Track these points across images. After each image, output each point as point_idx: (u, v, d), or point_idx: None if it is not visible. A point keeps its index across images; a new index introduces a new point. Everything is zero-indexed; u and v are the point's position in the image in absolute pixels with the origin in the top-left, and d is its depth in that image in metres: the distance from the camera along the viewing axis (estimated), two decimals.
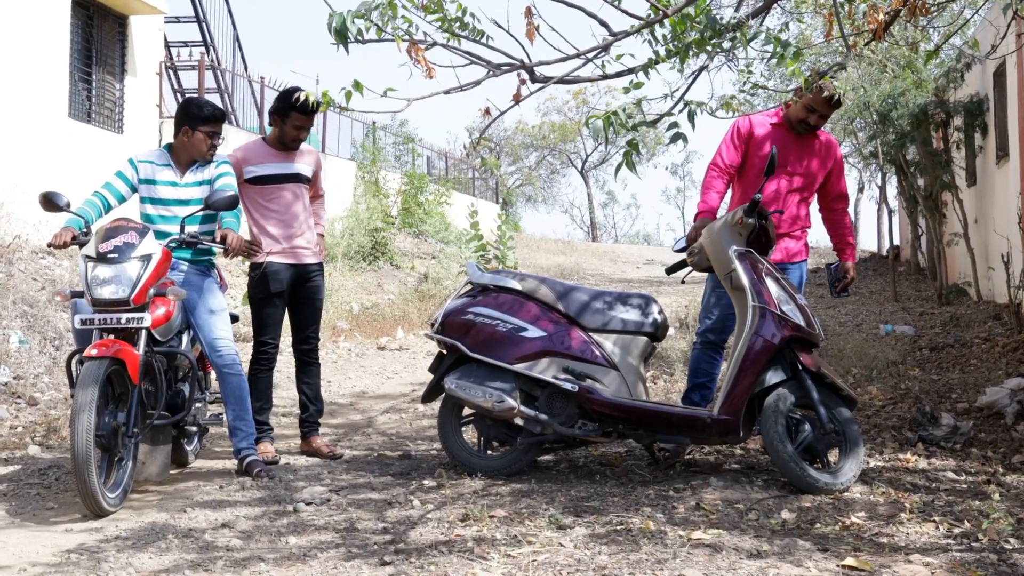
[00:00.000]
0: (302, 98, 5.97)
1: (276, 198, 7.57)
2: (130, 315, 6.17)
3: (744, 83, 7.17)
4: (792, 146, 7.38)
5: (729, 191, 7.58)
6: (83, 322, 6.24)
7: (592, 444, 7.17)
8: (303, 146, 7.73)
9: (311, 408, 7.77)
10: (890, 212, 24.11)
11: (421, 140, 32.99)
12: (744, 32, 5.61)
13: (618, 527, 5.44)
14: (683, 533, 5.27)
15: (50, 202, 6.54)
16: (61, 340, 11.05)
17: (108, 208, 6.93)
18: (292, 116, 7.47)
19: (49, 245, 6.53)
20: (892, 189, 24.35)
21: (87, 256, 6.28)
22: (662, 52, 5.64)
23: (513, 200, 53.56)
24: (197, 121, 7.00)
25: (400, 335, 15.06)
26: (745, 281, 6.47)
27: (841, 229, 7.62)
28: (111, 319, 6.17)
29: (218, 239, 6.79)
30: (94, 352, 5.94)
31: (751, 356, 6.38)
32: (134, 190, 7.03)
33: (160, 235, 6.71)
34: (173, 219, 6.90)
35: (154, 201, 6.99)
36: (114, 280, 6.17)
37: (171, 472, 6.86)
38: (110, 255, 6.21)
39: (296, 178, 7.63)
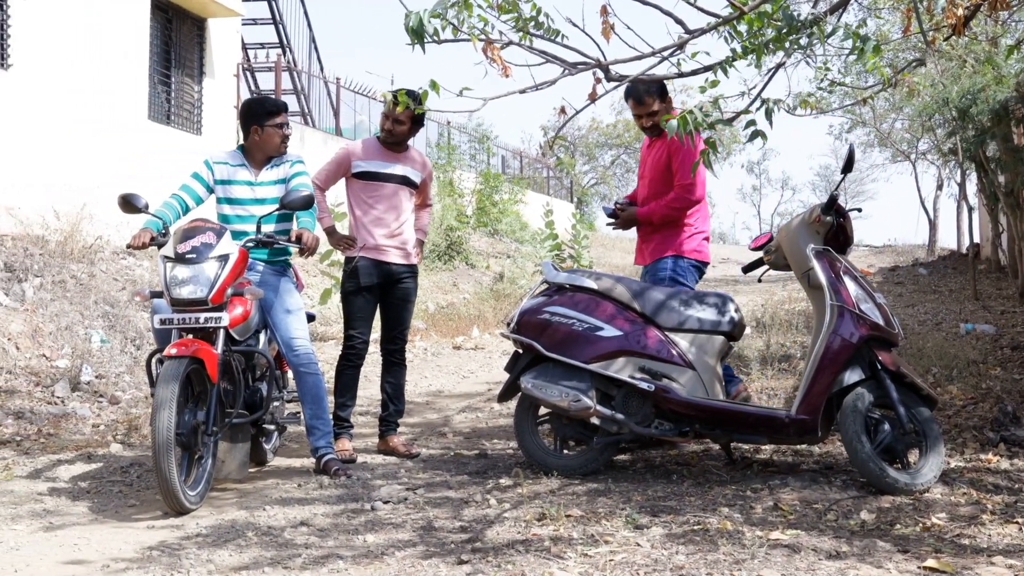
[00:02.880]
0: (388, 98, 6.03)
1: (377, 196, 7.64)
2: (208, 315, 6.24)
3: (821, 80, 7.12)
4: (648, 154, 7.76)
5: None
6: (162, 322, 6.31)
7: (668, 444, 7.15)
8: (417, 153, 7.84)
9: (391, 407, 7.81)
10: (970, 209, 23.77)
11: (496, 138, 32.98)
12: (821, 28, 5.57)
13: (695, 527, 5.42)
14: (761, 533, 5.24)
15: (129, 204, 6.63)
16: (142, 340, 11.19)
17: (186, 210, 7.01)
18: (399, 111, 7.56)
19: (128, 246, 6.61)
20: (972, 186, 24.03)
21: (166, 257, 6.35)
22: (739, 49, 5.61)
23: (588, 199, 53.44)
24: (263, 117, 7.07)
25: (476, 334, 15.09)
26: (823, 279, 6.41)
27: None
28: (190, 319, 6.24)
29: (293, 238, 6.84)
30: (173, 351, 6.00)
31: (829, 355, 6.32)
32: (210, 191, 7.10)
33: (237, 235, 6.76)
34: (250, 219, 6.96)
35: (231, 201, 7.05)
36: (192, 280, 6.23)
37: (250, 470, 6.93)
38: (188, 255, 6.27)
39: (401, 180, 7.69)
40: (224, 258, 6.34)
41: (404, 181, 7.72)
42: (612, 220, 7.82)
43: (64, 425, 8.57)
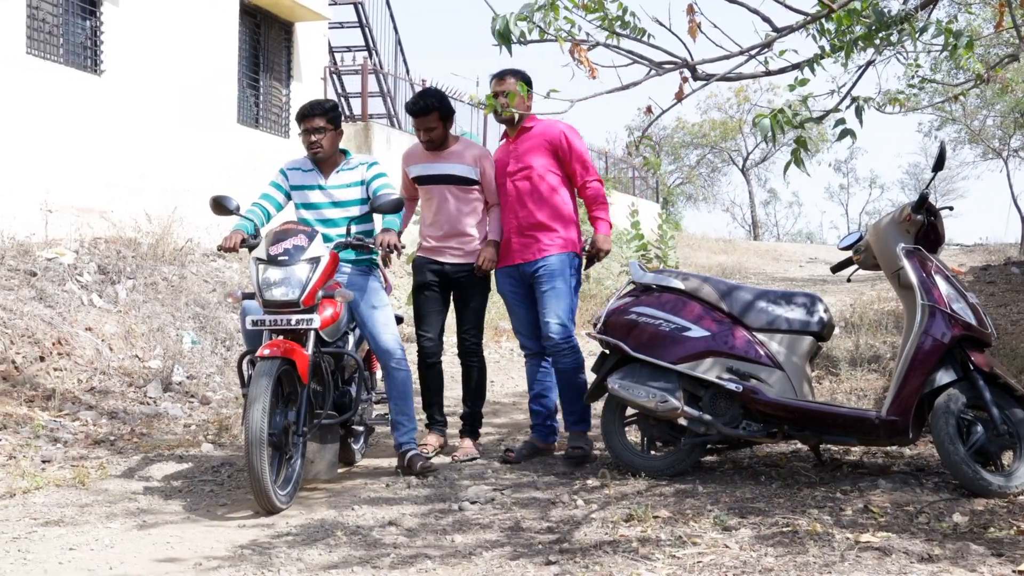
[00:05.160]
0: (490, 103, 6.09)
1: (427, 198, 7.65)
2: (300, 316, 6.29)
3: (912, 77, 7.04)
4: (510, 150, 7.59)
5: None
6: (254, 323, 6.38)
7: (756, 445, 7.10)
8: (465, 148, 7.74)
9: (464, 409, 7.83)
10: None
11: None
12: (912, 24, 5.50)
13: (784, 529, 5.38)
14: (851, 536, 5.18)
15: (220, 206, 6.71)
16: (232, 341, 11.32)
17: (269, 217, 7.09)
18: (415, 120, 7.59)
19: (219, 248, 6.68)
20: None
21: (258, 259, 6.42)
22: (827, 47, 5.56)
23: (674, 199, 53.18)
24: (298, 122, 7.15)
25: None
26: (913, 279, 6.33)
27: (588, 204, 7.58)
28: (281, 320, 6.30)
29: (376, 243, 6.83)
30: (266, 352, 6.07)
31: (920, 356, 6.23)
32: (289, 198, 7.18)
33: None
34: (327, 222, 7.02)
35: (307, 206, 7.12)
36: (284, 282, 6.30)
37: (339, 471, 6.99)
38: (280, 257, 6.34)
39: (447, 179, 7.59)
40: (315, 260, 6.40)
41: (450, 180, 7.58)
42: (591, 258, 7.56)
43: (156, 425, 8.70)
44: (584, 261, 7.55)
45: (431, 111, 7.49)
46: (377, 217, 7.13)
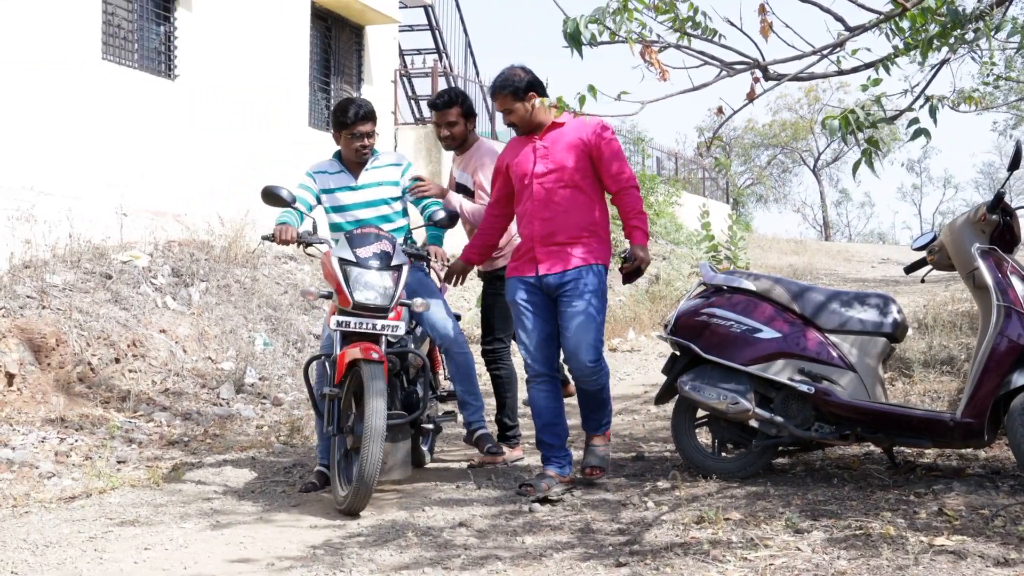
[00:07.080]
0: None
1: None
2: (386, 323, 6.34)
3: (987, 75, 6.96)
4: (536, 149, 6.78)
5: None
6: (338, 324, 6.40)
7: (828, 447, 7.05)
8: (474, 151, 7.60)
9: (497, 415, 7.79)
10: None
11: (651, 140, 32.80)
12: (988, 23, 5.44)
13: (857, 532, 5.33)
14: (925, 539, 5.13)
15: (274, 196, 6.67)
16: (303, 343, 11.41)
17: (302, 219, 7.02)
18: (436, 115, 7.66)
19: (275, 239, 6.60)
20: None
21: (345, 260, 6.42)
22: (901, 46, 5.51)
23: (744, 200, 52.92)
24: (340, 126, 7.09)
25: (631, 336, 15.07)
26: (988, 279, 6.25)
27: (624, 212, 6.85)
28: (367, 324, 6.33)
29: (432, 256, 7.05)
30: (375, 356, 6.13)
31: (996, 357, 6.16)
32: (318, 200, 7.14)
33: None
34: (358, 223, 6.98)
35: (337, 209, 7.10)
36: (379, 288, 6.35)
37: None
38: (371, 262, 6.39)
39: (458, 187, 7.60)
40: (400, 268, 6.49)
41: (460, 188, 7.55)
42: (632, 273, 6.74)
43: (229, 426, 8.79)
44: (622, 276, 6.77)
45: (452, 104, 7.51)
46: (414, 217, 7.24)
